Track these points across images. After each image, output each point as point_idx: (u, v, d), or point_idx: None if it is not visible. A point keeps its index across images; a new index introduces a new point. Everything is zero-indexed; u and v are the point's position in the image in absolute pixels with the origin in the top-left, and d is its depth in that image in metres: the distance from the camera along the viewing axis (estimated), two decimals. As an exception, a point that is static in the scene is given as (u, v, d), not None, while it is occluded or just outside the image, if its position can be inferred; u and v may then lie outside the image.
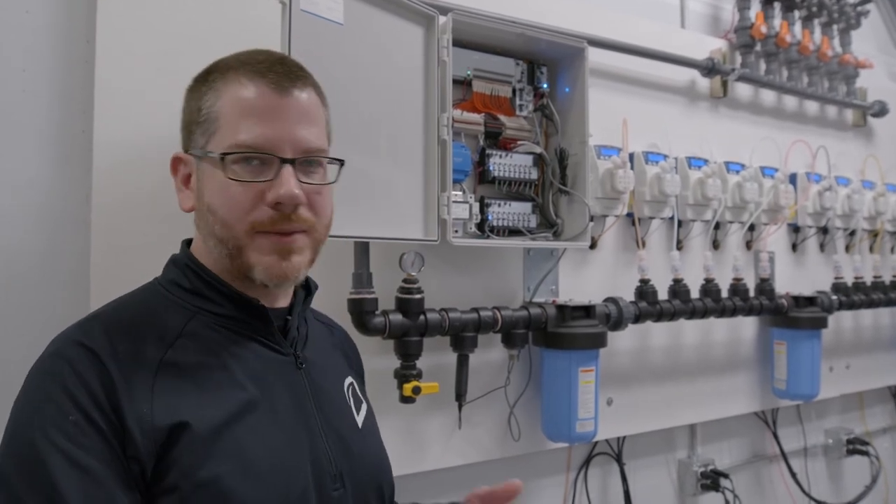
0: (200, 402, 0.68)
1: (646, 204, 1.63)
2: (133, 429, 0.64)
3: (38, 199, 1.08)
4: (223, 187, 0.71)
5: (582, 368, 1.38)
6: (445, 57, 1.24)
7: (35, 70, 1.08)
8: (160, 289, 0.76)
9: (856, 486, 2.19)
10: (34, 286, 1.08)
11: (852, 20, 2.14)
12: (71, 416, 0.63)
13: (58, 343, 0.69)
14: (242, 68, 0.73)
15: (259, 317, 0.76)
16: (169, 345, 0.70)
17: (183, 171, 0.77)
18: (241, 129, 0.70)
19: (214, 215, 0.72)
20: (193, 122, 0.74)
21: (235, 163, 0.71)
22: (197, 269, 0.75)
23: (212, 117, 0.72)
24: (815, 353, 1.83)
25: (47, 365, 0.67)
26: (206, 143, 0.73)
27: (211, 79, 0.74)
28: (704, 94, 1.84)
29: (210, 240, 0.73)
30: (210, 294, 0.74)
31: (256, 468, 0.69)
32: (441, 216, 1.23)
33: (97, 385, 0.64)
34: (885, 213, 2.16)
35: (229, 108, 0.71)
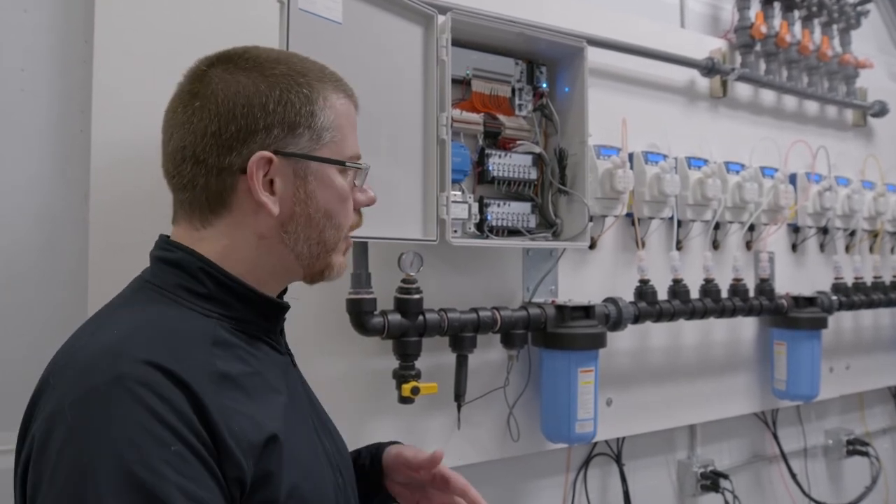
0: (260, 410, 0.66)
1: (645, 204, 1.62)
2: (233, 448, 0.60)
3: (37, 198, 1.08)
4: (344, 194, 0.74)
5: (581, 369, 1.38)
6: (445, 56, 1.23)
7: (33, 69, 1.08)
8: (168, 295, 0.69)
9: (856, 486, 2.19)
10: (33, 285, 1.08)
11: (852, 20, 2.14)
12: (173, 446, 0.56)
13: (122, 366, 0.58)
14: (337, 84, 0.76)
15: (269, 317, 0.75)
16: (211, 355, 0.65)
17: (270, 173, 0.70)
18: (352, 141, 0.76)
19: (330, 220, 0.73)
20: (299, 125, 0.70)
21: (345, 171, 0.75)
22: (217, 273, 0.70)
23: (326, 125, 0.72)
24: (815, 354, 1.83)
25: (121, 393, 0.57)
26: (316, 150, 0.72)
27: (310, 82, 0.72)
28: (704, 93, 1.84)
29: (303, 244, 0.73)
30: (225, 298, 0.70)
31: (312, 472, 0.71)
32: (440, 216, 1.22)
33: (187, 408, 0.58)
34: (886, 214, 2.15)
35: (343, 121, 0.74)
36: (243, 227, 0.70)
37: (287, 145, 0.70)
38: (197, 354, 0.63)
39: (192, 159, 0.69)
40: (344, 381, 1.24)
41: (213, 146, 0.68)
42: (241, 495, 0.61)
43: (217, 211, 0.70)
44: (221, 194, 0.69)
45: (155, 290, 0.70)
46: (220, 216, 0.70)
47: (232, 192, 0.69)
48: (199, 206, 0.71)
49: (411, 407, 1.23)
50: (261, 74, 0.70)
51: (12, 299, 1.06)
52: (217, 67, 0.70)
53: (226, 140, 0.68)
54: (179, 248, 0.71)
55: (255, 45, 0.77)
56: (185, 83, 0.72)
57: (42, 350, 1.07)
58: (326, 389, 0.95)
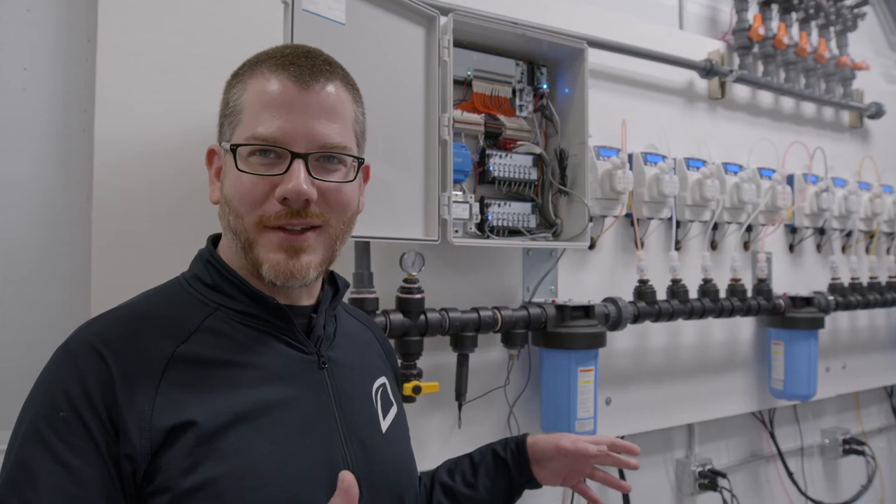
0: (208, 399, 0.67)
1: (644, 204, 1.63)
2: (130, 427, 0.63)
3: (40, 197, 1.08)
4: (237, 179, 0.70)
5: (581, 368, 1.39)
6: (446, 57, 1.24)
7: (36, 68, 1.08)
8: (184, 284, 0.76)
9: (852, 485, 2.20)
10: (35, 283, 1.08)
11: (849, 22, 2.15)
12: (62, 412, 0.63)
13: (71, 336, 0.69)
14: (268, 61, 0.72)
15: (279, 315, 0.74)
16: (182, 339, 0.69)
17: (216, 163, 0.76)
18: (260, 121, 0.70)
19: (229, 206, 0.72)
20: (223, 115, 0.75)
21: (251, 155, 0.70)
22: (217, 264, 0.75)
23: (237, 110, 0.72)
24: (812, 354, 1.84)
25: (55, 357, 0.68)
26: (231, 136, 0.73)
27: (241, 72, 0.75)
28: (703, 95, 1.85)
29: (228, 233, 0.74)
30: (230, 290, 0.73)
31: (259, 472, 0.66)
32: (441, 216, 1.23)
33: (93, 381, 0.64)
34: (882, 214, 2.17)
35: (252, 101, 0.71)
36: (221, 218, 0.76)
37: (220, 136, 0.76)
38: (158, 337, 0.68)
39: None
40: (345, 381, 1.25)
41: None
42: (135, 474, 0.63)
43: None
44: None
45: (180, 278, 0.77)
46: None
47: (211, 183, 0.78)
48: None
49: (413, 406, 1.23)
50: (230, 76, 0.76)
51: (15, 297, 1.06)
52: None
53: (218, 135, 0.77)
54: (208, 242, 0.79)
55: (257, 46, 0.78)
56: None
57: (43, 349, 1.08)
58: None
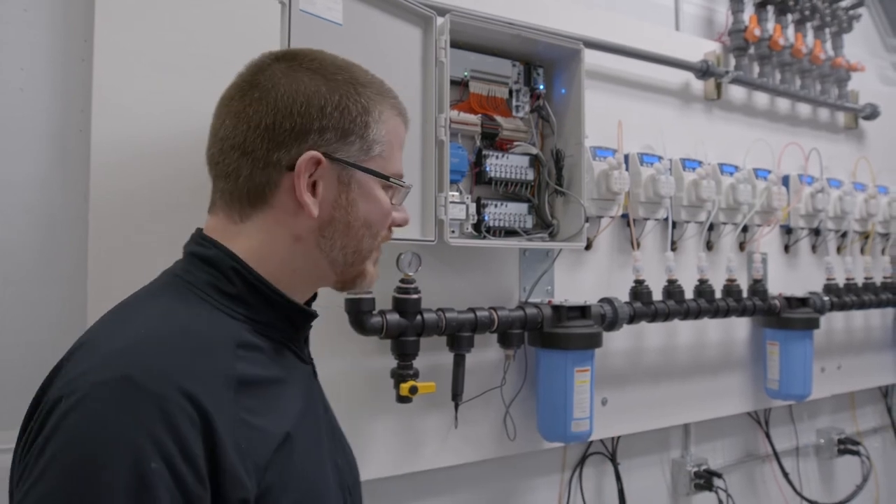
0: (274, 419, 0.64)
1: (640, 205, 1.64)
2: (237, 468, 0.58)
3: (36, 197, 1.08)
4: (386, 207, 0.75)
5: (577, 368, 1.39)
6: (443, 58, 1.24)
7: (33, 68, 1.08)
8: (198, 293, 0.67)
9: (847, 485, 2.21)
10: (32, 284, 1.07)
11: (844, 24, 2.16)
12: (153, 462, 0.53)
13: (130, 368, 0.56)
14: (395, 101, 0.77)
15: (296, 324, 0.74)
16: (234, 358, 0.64)
17: (315, 175, 0.69)
18: (398, 160, 0.77)
19: (369, 230, 0.74)
20: (353, 133, 0.71)
21: (394, 192, 0.76)
22: (248, 274, 0.68)
23: (377, 138, 0.73)
24: (808, 354, 1.84)
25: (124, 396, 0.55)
26: (365, 160, 0.72)
27: (369, 94, 0.73)
28: (699, 96, 1.85)
29: (338, 250, 0.73)
30: (254, 300, 0.69)
31: (315, 487, 0.68)
32: (438, 216, 1.23)
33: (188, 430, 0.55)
34: (876, 215, 2.18)
35: (393, 138, 0.75)
36: (281, 225, 0.69)
37: (337, 150, 0.70)
38: (218, 361, 0.62)
39: (240, 149, 0.68)
40: (342, 381, 1.25)
41: (263, 139, 0.67)
42: None
43: (256, 205, 0.69)
44: (263, 189, 0.68)
45: (185, 286, 0.68)
46: (258, 211, 0.69)
47: (274, 189, 0.68)
48: (238, 198, 0.69)
49: (409, 406, 1.24)
50: (323, 77, 0.70)
51: (11, 298, 1.06)
52: (281, 63, 0.70)
53: (278, 135, 0.67)
54: (214, 245, 0.70)
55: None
56: (245, 73, 0.71)
57: (41, 349, 1.08)
58: (325, 389, 0.95)
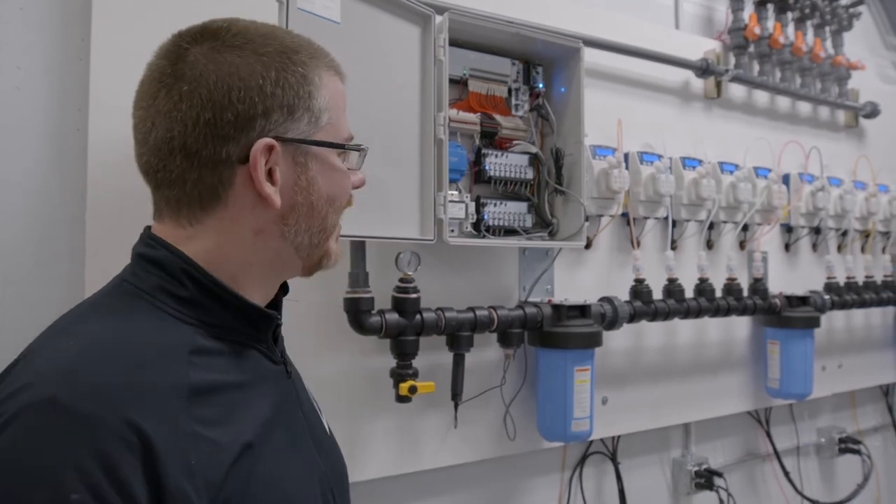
0: (232, 428, 0.59)
1: (640, 204, 1.63)
2: (186, 490, 0.53)
3: (33, 197, 1.08)
4: (344, 178, 0.70)
5: (577, 368, 1.39)
6: (442, 56, 1.24)
7: (30, 67, 1.07)
8: (146, 297, 0.63)
9: (848, 484, 2.21)
10: (28, 284, 1.07)
11: (844, 22, 2.16)
12: (75, 493, 0.48)
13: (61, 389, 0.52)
14: (330, 61, 0.70)
15: (257, 325, 0.69)
16: (187, 365, 0.59)
17: (270, 162, 0.63)
18: (345, 122, 0.71)
19: (332, 205, 0.69)
20: (298, 107, 0.64)
21: (349, 157, 0.71)
22: (200, 276, 0.63)
23: (323, 106, 0.66)
24: (808, 353, 1.84)
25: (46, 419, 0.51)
26: (316, 133, 0.66)
27: (303, 59, 0.66)
28: (698, 94, 1.85)
29: (304, 234, 0.67)
30: (208, 303, 0.64)
31: (288, 493, 0.64)
32: (437, 216, 1.23)
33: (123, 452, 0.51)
34: (877, 214, 2.17)
35: (338, 101, 0.69)
36: (239, 222, 0.64)
37: (287, 130, 0.63)
38: (166, 372, 0.57)
39: (183, 152, 0.61)
40: (341, 380, 1.24)
41: (206, 137, 0.61)
42: None
43: (209, 207, 0.63)
44: (216, 189, 0.63)
45: (133, 291, 0.63)
46: (212, 213, 0.64)
47: (229, 186, 0.63)
48: (187, 203, 0.64)
49: (408, 406, 1.24)
50: (253, 53, 0.63)
51: (7, 297, 1.05)
52: (201, 45, 0.63)
53: (221, 129, 0.61)
54: (163, 246, 0.64)
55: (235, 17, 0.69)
56: (162, 63, 0.63)
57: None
58: (323, 388, 0.95)
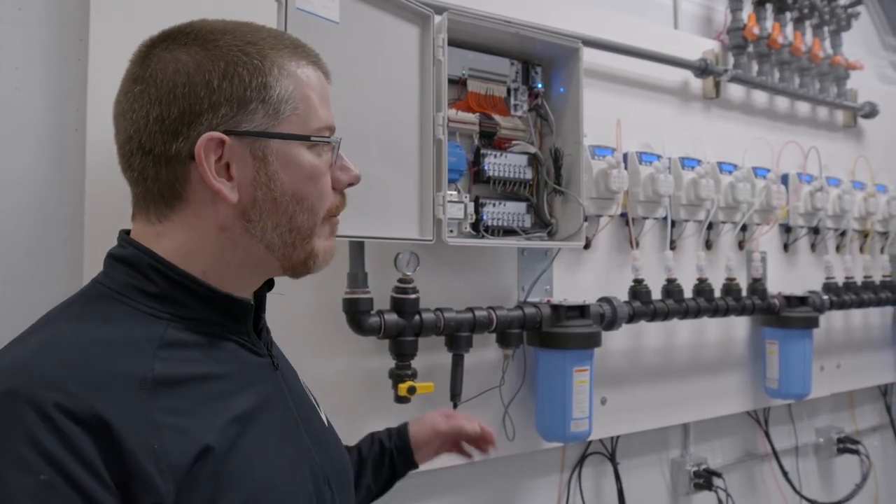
0: (202, 420, 0.59)
1: (639, 204, 1.63)
2: (150, 473, 0.53)
3: (32, 197, 1.07)
4: (315, 172, 0.66)
5: (576, 368, 1.39)
6: (441, 56, 1.24)
7: (28, 67, 1.07)
8: (116, 296, 0.63)
9: (846, 484, 2.21)
10: (27, 285, 1.07)
11: (843, 22, 2.16)
12: (42, 475, 0.49)
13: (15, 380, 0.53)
14: (297, 50, 0.68)
15: (236, 316, 0.68)
16: (152, 358, 0.59)
17: (224, 156, 0.63)
18: (322, 113, 0.67)
19: (300, 203, 0.66)
20: (251, 100, 0.63)
21: (329, 149, 0.68)
22: (167, 269, 0.64)
23: (284, 97, 0.64)
24: (807, 353, 1.84)
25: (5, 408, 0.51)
26: (275, 125, 0.64)
27: (261, 51, 0.64)
28: (697, 94, 1.85)
29: (271, 232, 0.66)
30: (179, 297, 0.64)
31: (271, 483, 0.63)
32: (436, 216, 1.22)
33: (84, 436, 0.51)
34: (875, 214, 2.18)
35: (306, 90, 0.66)
36: (202, 218, 0.64)
37: (239, 124, 0.63)
38: (129, 365, 0.57)
39: (140, 150, 0.63)
40: (340, 381, 1.24)
41: (157, 133, 0.62)
42: None
43: (172, 204, 0.64)
44: (174, 185, 0.63)
45: (103, 290, 0.64)
46: (176, 209, 0.64)
47: (185, 182, 0.63)
48: (153, 200, 0.65)
49: (407, 406, 1.23)
50: (202, 48, 0.63)
51: (6, 298, 1.05)
52: (158, 47, 0.64)
53: (169, 125, 0.62)
54: (131, 245, 0.65)
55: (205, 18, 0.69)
56: (129, 67, 0.66)
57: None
58: (322, 389, 0.95)
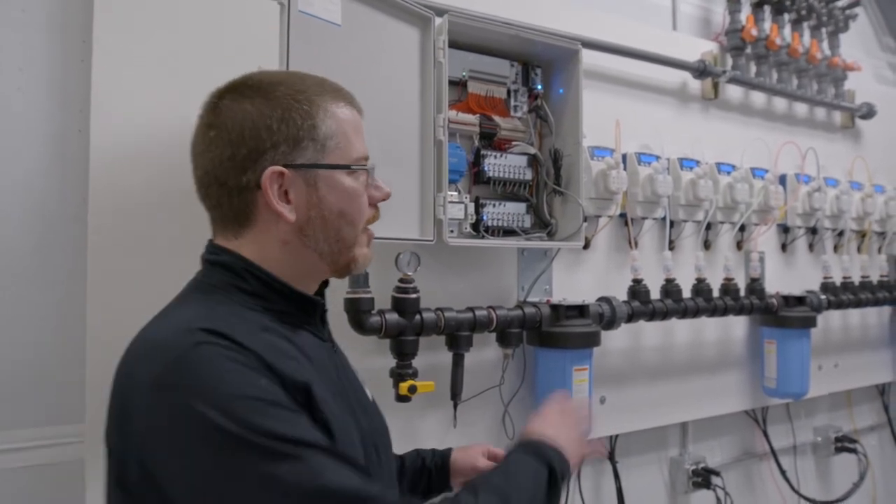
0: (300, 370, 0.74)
1: (638, 204, 1.64)
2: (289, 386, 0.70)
3: (35, 198, 1.08)
4: (355, 193, 0.81)
5: (576, 367, 1.39)
6: (441, 58, 1.24)
7: (31, 69, 1.08)
8: (220, 292, 0.78)
9: (844, 483, 2.22)
10: (30, 285, 1.07)
11: (840, 23, 2.17)
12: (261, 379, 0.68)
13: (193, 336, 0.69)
14: (336, 93, 0.82)
15: (307, 310, 0.83)
16: (263, 331, 0.74)
17: (284, 184, 0.78)
18: (358, 144, 0.82)
19: (344, 218, 0.81)
20: (303, 139, 0.78)
21: (364, 173, 0.83)
22: (259, 273, 0.79)
23: (329, 133, 0.79)
24: (805, 352, 1.85)
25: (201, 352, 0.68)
26: (322, 157, 0.79)
27: (309, 97, 0.78)
28: (696, 95, 1.86)
29: (323, 243, 0.80)
30: (267, 294, 0.79)
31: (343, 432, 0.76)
32: (437, 216, 1.23)
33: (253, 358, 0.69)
34: (873, 214, 2.19)
35: (346, 127, 0.81)
36: (268, 235, 0.79)
37: (295, 158, 0.77)
38: (251, 331, 0.73)
39: (216, 182, 0.77)
40: (341, 380, 1.25)
41: (230, 169, 0.76)
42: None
43: (244, 224, 0.79)
44: (244, 210, 0.78)
45: (209, 287, 0.79)
46: (247, 228, 0.79)
47: (253, 207, 0.78)
48: (228, 222, 0.79)
49: (408, 405, 1.24)
50: (263, 98, 0.77)
51: (10, 298, 1.06)
52: (226, 98, 0.78)
53: (240, 162, 0.76)
54: (225, 252, 0.80)
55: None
56: (202, 115, 0.80)
57: (40, 349, 1.08)
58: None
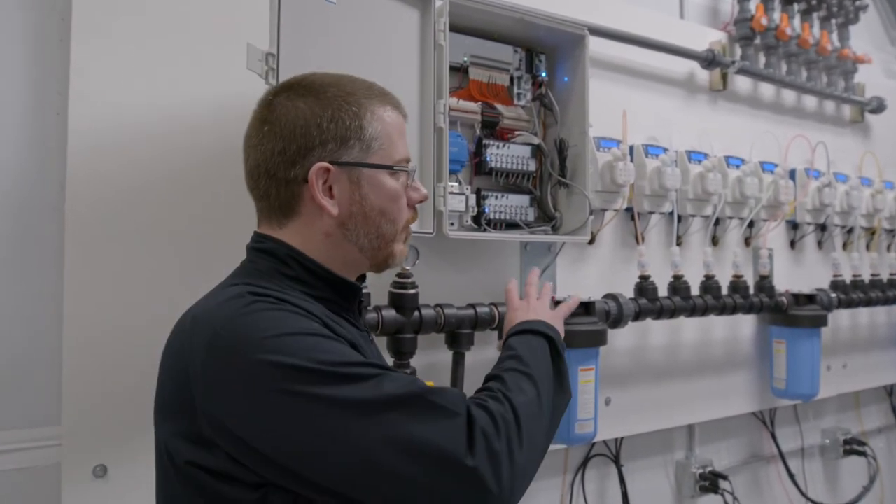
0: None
1: (645, 198, 1.59)
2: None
3: (9, 184, 1.03)
4: (395, 193, 0.85)
5: (581, 367, 1.34)
6: (442, 41, 1.19)
7: (7, 48, 1.03)
8: (265, 276, 0.82)
9: (853, 486, 2.17)
10: (6, 274, 1.03)
11: (851, 15, 2.12)
12: (315, 322, 0.75)
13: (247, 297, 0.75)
14: (383, 98, 0.86)
15: (348, 296, 0.87)
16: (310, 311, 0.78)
17: (329, 180, 0.82)
18: (401, 147, 0.86)
19: (385, 216, 0.85)
20: (350, 138, 0.82)
21: (405, 175, 0.87)
22: (302, 259, 0.83)
23: (374, 135, 0.83)
24: (815, 353, 1.80)
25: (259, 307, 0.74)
26: (367, 157, 0.83)
27: (358, 100, 0.83)
28: (704, 86, 1.80)
29: (363, 238, 0.85)
30: (310, 279, 0.83)
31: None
32: (437, 208, 1.18)
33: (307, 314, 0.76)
34: (883, 211, 2.14)
35: (390, 129, 0.85)
36: (311, 226, 0.83)
37: (341, 156, 0.82)
38: (300, 298, 0.79)
39: (266, 174, 0.82)
40: (336, 380, 1.20)
41: (280, 162, 0.81)
42: None
43: (289, 215, 0.83)
44: (290, 201, 0.82)
45: (255, 272, 0.83)
46: (291, 219, 0.83)
47: (299, 199, 0.82)
48: (274, 212, 0.84)
49: (406, 407, 1.19)
50: (315, 98, 0.82)
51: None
52: (280, 96, 0.83)
53: (290, 156, 0.81)
54: (269, 240, 0.84)
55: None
56: (257, 110, 0.84)
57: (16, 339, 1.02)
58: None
